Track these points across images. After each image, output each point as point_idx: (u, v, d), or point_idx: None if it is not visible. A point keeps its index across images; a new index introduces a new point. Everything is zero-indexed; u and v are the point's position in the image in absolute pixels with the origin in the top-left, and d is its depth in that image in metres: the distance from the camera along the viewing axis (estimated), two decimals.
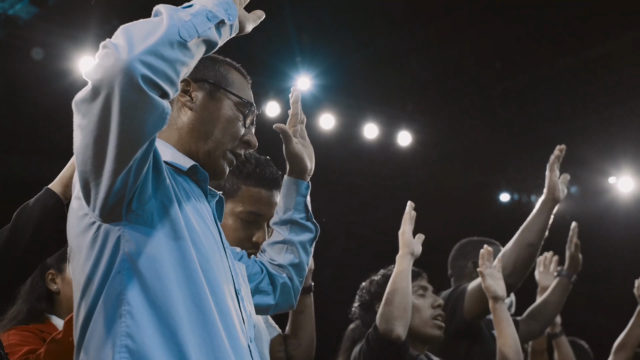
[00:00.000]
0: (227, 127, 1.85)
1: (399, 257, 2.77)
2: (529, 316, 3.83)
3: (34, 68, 5.67)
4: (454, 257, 4.00)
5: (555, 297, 3.82)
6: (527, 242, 3.32)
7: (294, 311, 2.64)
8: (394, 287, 2.67)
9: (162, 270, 1.57)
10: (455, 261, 3.97)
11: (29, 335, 2.45)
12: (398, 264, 2.74)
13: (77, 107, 1.45)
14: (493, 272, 3.02)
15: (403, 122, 7.58)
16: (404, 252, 2.76)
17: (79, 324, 1.60)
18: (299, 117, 2.20)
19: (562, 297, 3.83)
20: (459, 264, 3.93)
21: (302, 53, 6.39)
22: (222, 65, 1.92)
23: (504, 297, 3.00)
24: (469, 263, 3.86)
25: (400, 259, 2.75)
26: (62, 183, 1.78)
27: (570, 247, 3.92)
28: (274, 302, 2.13)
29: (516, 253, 3.32)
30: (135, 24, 1.46)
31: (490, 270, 3.02)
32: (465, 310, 3.41)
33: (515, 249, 3.33)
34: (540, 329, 3.86)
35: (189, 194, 1.73)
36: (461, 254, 3.95)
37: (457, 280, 3.87)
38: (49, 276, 2.66)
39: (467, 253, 3.90)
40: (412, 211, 2.83)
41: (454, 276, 3.94)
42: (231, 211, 2.37)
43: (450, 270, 4.00)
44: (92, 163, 1.47)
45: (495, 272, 3.03)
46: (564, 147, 3.43)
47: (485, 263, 3.03)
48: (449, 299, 3.48)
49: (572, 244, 3.92)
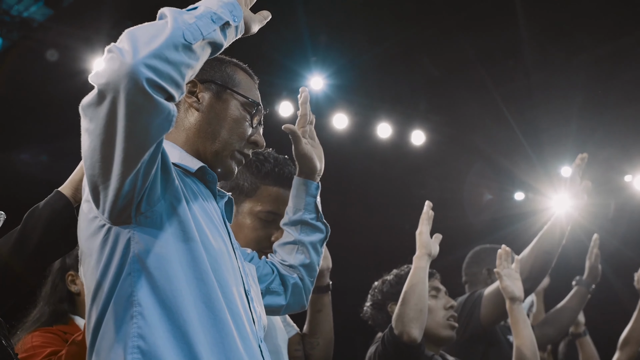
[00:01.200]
0: (234, 127, 1.86)
1: (416, 257, 2.75)
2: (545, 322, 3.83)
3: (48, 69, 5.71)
4: (468, 264, 3.99)
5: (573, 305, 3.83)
6: (545, 249, 3.32)
7: (312, 310, 2.64)
8: (410, 289, 2.66)
9: (172, 271, 1.57)
10: (470, 268, 3.97)
11: (52, 336, 2.47)
12: (415, 265, 2.72)
13: (83, 111, 1.47)
14: (511, 273, 3.01)
15: (416, 121, 7.56)
16: (421, 253, 2.74)
17: (91, 326, 1.61)
18: (308, 117, 2.20)
19: (579, 306, 3.84)
20: (473, 270, 3.93)
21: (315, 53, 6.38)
22: (229, 66, 1.92)
23: (522, 298, 2.99)
24: (483, 270, 3.86)
25: (417, 259, 2.74)
26: (72, 186, 1.79)
27: (591, 258, 3.92)
28: (285, 302, 2.14)
29: (533, 259, 3.32)
30: (139, 27, 1.47)
31: (507, 270, 3.01)
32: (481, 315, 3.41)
33: (533, 255, 3.33)
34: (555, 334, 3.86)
35: (197, 195, 1.73)
36: (475, 260, 3.95)
37: (472, 287, 3.87)
38: (69, 277, 2.68)
39: (481, 260, 3.90)
40: (429, 211, 2.81)
41: (468, 283, 3.94)
42: (250, 210, 2.37)
43: (465, 277, 3.99)
44: (100, 166, 1.49)
45: (512, 273, 3.02)
46: (586, 156, 3.39)
47: (503, 264, 3.02)
48: (465, 305, 3.48)
49: (593, 254, 3.92)
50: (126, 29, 1.45)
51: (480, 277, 3.86)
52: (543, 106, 7.43)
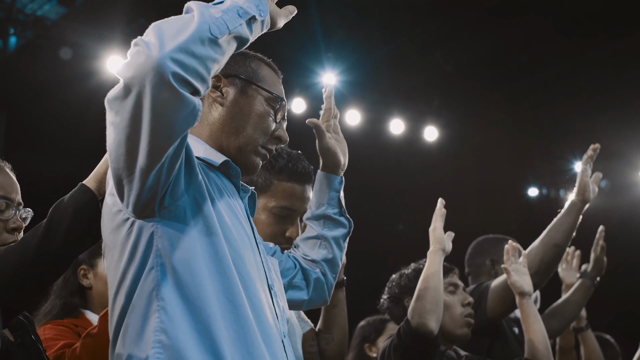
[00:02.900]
0: (258, 122, 1.85)
1: (430, 252, 2.75)
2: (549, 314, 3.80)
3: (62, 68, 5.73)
4: (471, 255, 3.97)
5: (577, 298, 3.79)
6: (554, 242, 3.29)
7: (327, 306, 2.65)
8: (425, 283, 2.66)
9: (195, 265, 1.57)
10: (473, 259, 3.94)
11: (64, 329, 2.47)
12: (430, 259, 2.73)
13: (109, 104, 1.47)
14: (518, 268, 3.00)
15: (429, 117, 7.55)
16: (435, 248, 2.74)
17: (114, 319, 1.62)
18: (332, 111, 2.19)
19: (584, 298, 3.80)
20: (477, 261, 3.91)
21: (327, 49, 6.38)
22: (253, 61, 1.92)
23: (531, 292, 2.97)
24: (486, 260, 3.83)
25: (432, 254, 2.74)
26: (96, 179, 1.79)
27: (596, 250, 3.88)
28: (307, 297, 2.14)
29: (542, 252, 3.29)
30: (166, 21, 1.46)
31: (515, 265, 3.00)
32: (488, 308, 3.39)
33: (542, 249, 3.30)
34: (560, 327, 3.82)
35: (221, 190, 1.73)
36: (478, 251, 3.92)
37: (475, 278, 3.84)
38: (81, 272, 2.68)
39: (485, 250, 3.87)
40: (442, 208, 2.81)
41: (471, 274, 3.92)
42: (264, 206, 2.37)
43: (468, 268, 3.97)
44: (124, 160, 1.49)
45: (520, 268, 3.00)
46: (598, 146, 3.33)
47: (510, 259, 3.01)
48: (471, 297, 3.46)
49: (598, 246, 3.88)
50: (153, 23, 1.45)
51: (484, 268, 3.83)
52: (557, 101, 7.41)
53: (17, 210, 1.90)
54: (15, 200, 1.91)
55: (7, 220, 1.88)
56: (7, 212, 1.88)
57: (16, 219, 1.89)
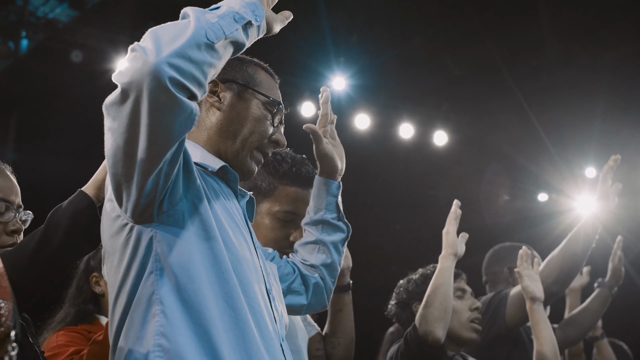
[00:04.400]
0: (256, 126, 1.86)
1: (441, 257, 2.72)
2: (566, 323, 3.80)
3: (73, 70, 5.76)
4: (489, 263, 3.97)
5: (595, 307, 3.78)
6: (573, 251, 3.29)
7: (333, 309, 2.65)
8: (435, 289, 2.64)
9: (194, 270, 1.58)
10: (490, 267, 3.94)
11: (77, 336, 2.50)
12: (440, 264, 2.70)
13: (107, 110, 1.48)
14: (531, 274, 3.00)
15: (439, 121, 7.54)
16: (447, 253, 2.71)
17: (114, 324, 1.63)
18: (329, 117, 2.20)
19: (602, 308, 3.79)
20: (494, 269, 3.90)
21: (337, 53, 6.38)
22: (250, 66, 1.93)
23: (542, 298, 2.97)
24: (504, 268, 3.83)
25: (443, 259, 2.71)
26: (95, 185, 1.80)
27: (614, 260, 3.87)
28: (306, 302, 2.14)
29: (561, 261, 3.29)
30: (163, 26, 1.48)
31: (528, 271, 3.00)
32: (507, 316, 3.38)
33: (561, 258, 3.29)
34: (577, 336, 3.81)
35: (219, 194, 1.74)
36: (495, 259, 3.92)
37: (493, 286, 3.84)
38: (93, 279, 2.71)
39: (502, 258, 3.87)
40: (457, 210, 2.78)
41: (489, 282, 3.92)
42: (268, 210, 2.37)
43: (485, 276, 3.97)
44: (123, 165, 1.50)
45: (533, 274, 3.00)
46: (619, 158, 3.28)
47: (523, 264, 3.01)
48: (490, 304, 3.45)
49: (616, 256, 3.87)
50: (149, 29, 1.46)
51: (502, 276, 3.84)
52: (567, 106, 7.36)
53: (16, 213, 1.91)
54: (15, 203, 1.92)
55: (6, 222, 1.89)
56: (6, 215, 1.89)
57: (16, 222, 1.90)
